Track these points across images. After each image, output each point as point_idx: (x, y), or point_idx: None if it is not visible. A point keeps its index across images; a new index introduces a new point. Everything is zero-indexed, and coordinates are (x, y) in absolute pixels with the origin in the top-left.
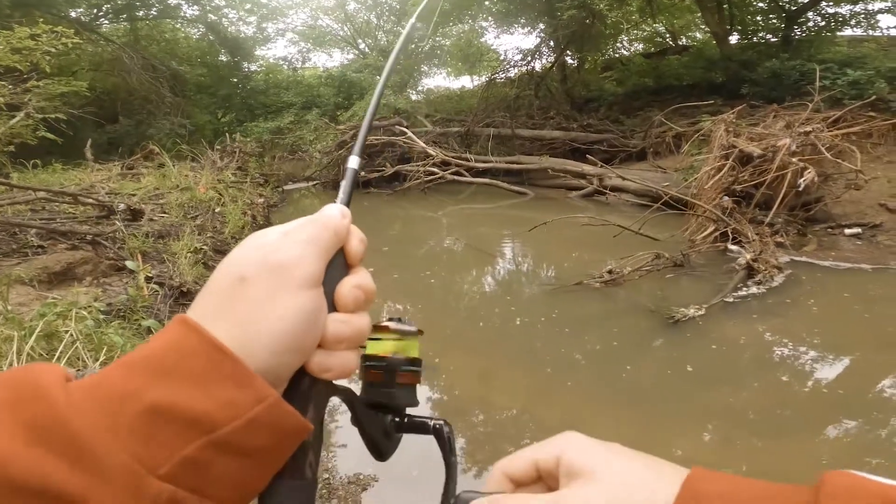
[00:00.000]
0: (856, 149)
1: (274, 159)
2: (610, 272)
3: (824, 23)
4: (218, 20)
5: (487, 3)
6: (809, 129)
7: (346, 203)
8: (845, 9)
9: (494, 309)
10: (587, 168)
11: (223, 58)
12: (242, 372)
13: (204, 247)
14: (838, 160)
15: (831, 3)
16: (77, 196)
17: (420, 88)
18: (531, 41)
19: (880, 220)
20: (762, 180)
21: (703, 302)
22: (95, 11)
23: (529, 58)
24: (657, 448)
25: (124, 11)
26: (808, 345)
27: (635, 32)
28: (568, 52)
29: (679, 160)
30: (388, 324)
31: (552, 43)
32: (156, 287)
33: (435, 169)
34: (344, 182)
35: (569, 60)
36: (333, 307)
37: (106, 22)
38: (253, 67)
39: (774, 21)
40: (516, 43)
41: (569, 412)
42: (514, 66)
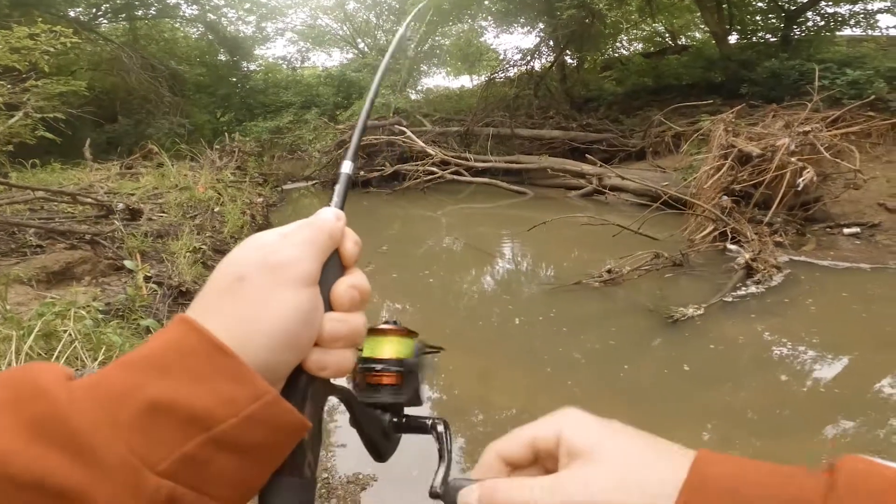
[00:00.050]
0: (854, 148)
1: (273, 159)
2: (609, 271)
3: (823, 22)
4: (217, 19)
5: (487, 3)
6: (808, 129)
7: (341, 207)
8: (844, 8)
9: (494, 308)
10: (586, 168)
11: (222, 57)
12: (241, 369)
13: (203, 246)
14: (837, 160)
15: (830, 3)
16: (76, 195)
17: (419, 88)
18: (530, 41)
19: (879, 220)
20: (761, 180)
21: (702, 301)
22: (94, 11)
23: (529, 57)
24: None
25: (123, 11)
26: (807, 344)
27: (635, 32)
28: (567, 52)
29: (678, 160)
30: (384, 326)
31: (551, 42)
32: (154, 286)
33: (434, 168)
34: (338, 186)
35: (568, 60)
36: (329, 307)
37: (105, 21)
38: (252, 67)
39: (774, 21)
40: (516, 42)
41: None
42: (514, 66)
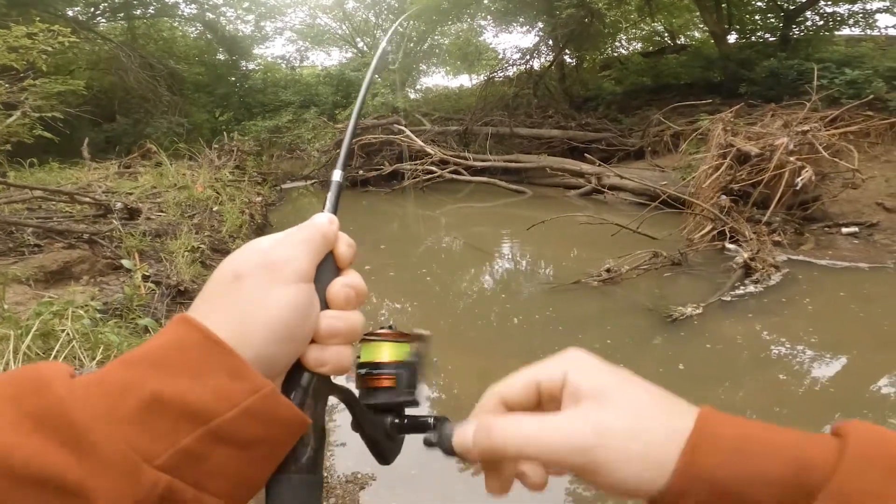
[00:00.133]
0: (853, 148)
1: (272, 158)
2: (608, 271)
3: (822, 22)
4: (216, 18)
5: (486, 2)
6: (807, 129)
7: (333, 212)
8: (843, 8)
9: (493, 307)
10: (585, 167)
11: (221, 56)
12: (237, 364)
13: (201, 245)
14: (836, 159)
15: (829, 3)
16: (74, 195)
17: (418, 87)
18: (530, 40)
19: (877, 219)
20: (760, 179)
21: (701, 300)
22: (92, 10)
23: (528, 56)
24: None
25: (121, 10)
26: (805, 343)
27: (634, 31)
28: (566, 51)
29: (677, 159)
30: (381, 331)
31: (551, 42)
32: (153, 286)
33: (433, 167)
34: (329, 193)
35: (567, 59)
36: (326, 305)
37: (103, 20)
38: (251, 66)
39: (773, 20)
40: (515, 42)
41: None
42: (513, 65)
